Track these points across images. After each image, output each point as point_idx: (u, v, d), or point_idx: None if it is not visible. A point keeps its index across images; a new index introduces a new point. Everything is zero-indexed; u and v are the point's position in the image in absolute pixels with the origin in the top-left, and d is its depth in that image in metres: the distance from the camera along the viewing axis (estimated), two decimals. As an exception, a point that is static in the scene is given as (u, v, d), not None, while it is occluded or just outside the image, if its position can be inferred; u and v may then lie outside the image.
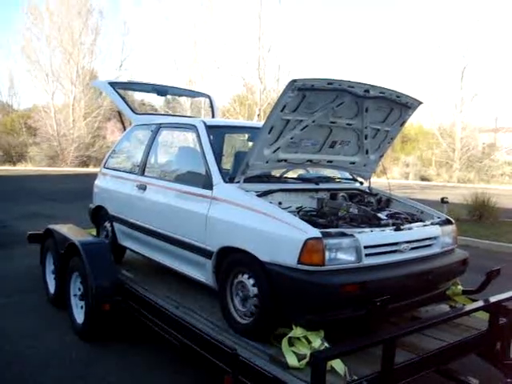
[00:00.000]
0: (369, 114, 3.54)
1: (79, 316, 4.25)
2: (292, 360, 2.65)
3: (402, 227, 3.17)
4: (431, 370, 2.94)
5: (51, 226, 5.10)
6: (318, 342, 2.71)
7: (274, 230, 2.95)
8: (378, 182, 4.44)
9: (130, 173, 4.72)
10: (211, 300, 3.64)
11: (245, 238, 3.13)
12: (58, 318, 4.61)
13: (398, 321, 3.28)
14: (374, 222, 3.25)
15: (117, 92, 5.17)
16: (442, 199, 4.73)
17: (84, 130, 29.69)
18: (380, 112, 3.63)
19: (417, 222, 3.48)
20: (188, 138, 4.42)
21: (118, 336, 4.21)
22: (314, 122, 3.38)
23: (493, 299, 3.22)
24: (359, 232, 2.94)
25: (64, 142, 29.07)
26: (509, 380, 3.11)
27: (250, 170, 3.40)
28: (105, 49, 44.67)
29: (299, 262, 2.76)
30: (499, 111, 42.20)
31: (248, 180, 3.44)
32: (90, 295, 3.97)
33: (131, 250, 4.76)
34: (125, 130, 5.42)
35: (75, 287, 4.37)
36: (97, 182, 5.35)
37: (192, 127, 3.99)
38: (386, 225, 3.21)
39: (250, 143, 4.28)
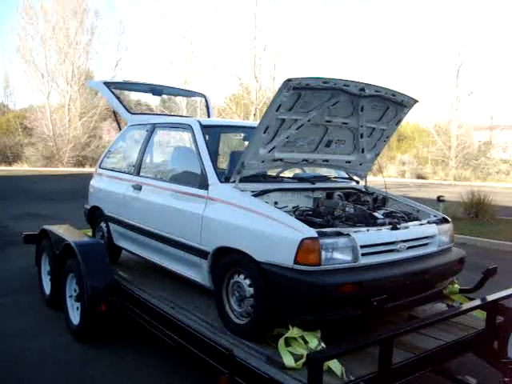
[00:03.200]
0: (364, 112, 3.53)
1: (75, 317, 4.23)
2: (289, 360, 2.63)
3: (398, 226, 3.15)
4: (429, 369, 2.93)
5: (46, 227, 5.07)
6: (314, 342, 2.70)
7: (269, 230, 2.93)
8: (374, 181, 4.43)
9: (126, 173, 4.70)
10: (207, 300, 3.62)
11: (240, 238, 3.11)
12: (53, 318, 4.59)
13: (394, 320, 3.27)
14: (370, 221, 3.23)
15: (112, 92, 5.15)
16: (438, 197, 4.72)
17: (80, 129, 29.60)
18: (376, 111, 3.62)
19: (413, 220, 3.47)
20: (183, 138, 4.39)
21: (114, 337, 4.19)
22: (309, 121, 3.37)
23: (490, 298, 3.21)
24: (355, 231, 2.93)
25: (60, 142, 29.00)
26: (507, 379, 3.10)
27: (245, 169, 3.38)
28: (100, 48, 44.70)
29: (295, 261, 2.74)
30: (495, 109, 42.32)
31: (244, 180, 3.41)
32: (85, 296, 3.94)
33: (127, 251, 4.73)
34: (120, 129, 5.40)
35: (71, 288, 4.34)
36: (92, 182, 5.33)
37: (187, 127, 3.97)
38: (383, 224, 3.19)
39: (246, 143, 4.26)
